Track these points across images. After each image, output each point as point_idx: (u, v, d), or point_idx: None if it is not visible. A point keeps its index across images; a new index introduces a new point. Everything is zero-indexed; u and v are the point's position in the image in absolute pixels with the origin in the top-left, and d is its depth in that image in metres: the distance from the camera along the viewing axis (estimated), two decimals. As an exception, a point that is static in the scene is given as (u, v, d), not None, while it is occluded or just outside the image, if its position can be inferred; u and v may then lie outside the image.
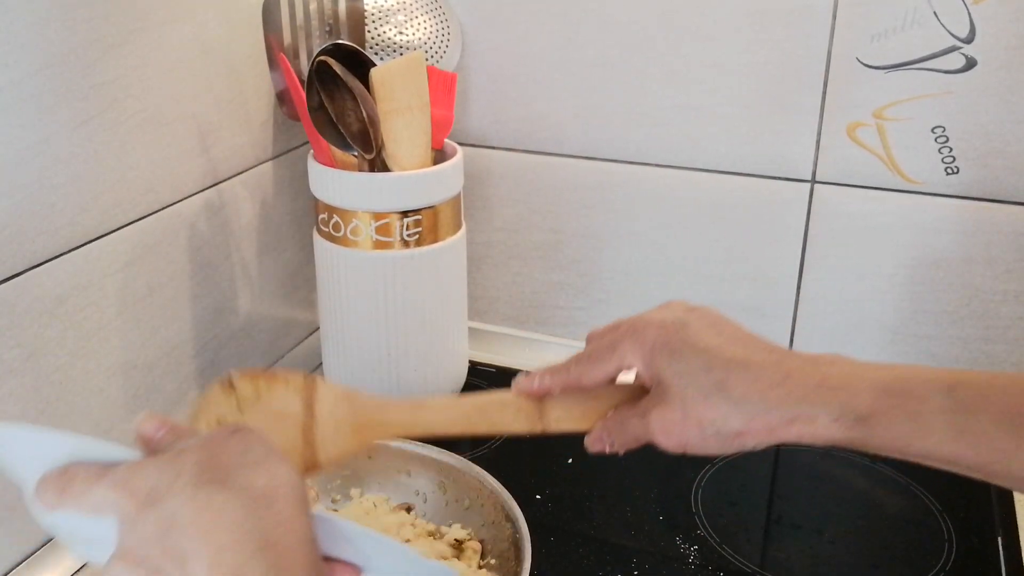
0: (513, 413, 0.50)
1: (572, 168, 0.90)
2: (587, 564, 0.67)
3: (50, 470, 0.41)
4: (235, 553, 0.37)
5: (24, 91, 0.59)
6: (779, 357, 0.46)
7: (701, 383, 0.45)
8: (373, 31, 0.84)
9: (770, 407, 0.44)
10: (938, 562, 0.67)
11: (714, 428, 0.45)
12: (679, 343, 0.46)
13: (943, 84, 0.75)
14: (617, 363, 0.48)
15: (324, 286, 0.80)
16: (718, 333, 0.47)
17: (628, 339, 0.48)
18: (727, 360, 0.45)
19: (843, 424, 0.43)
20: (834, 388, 0.43)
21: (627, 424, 0.48)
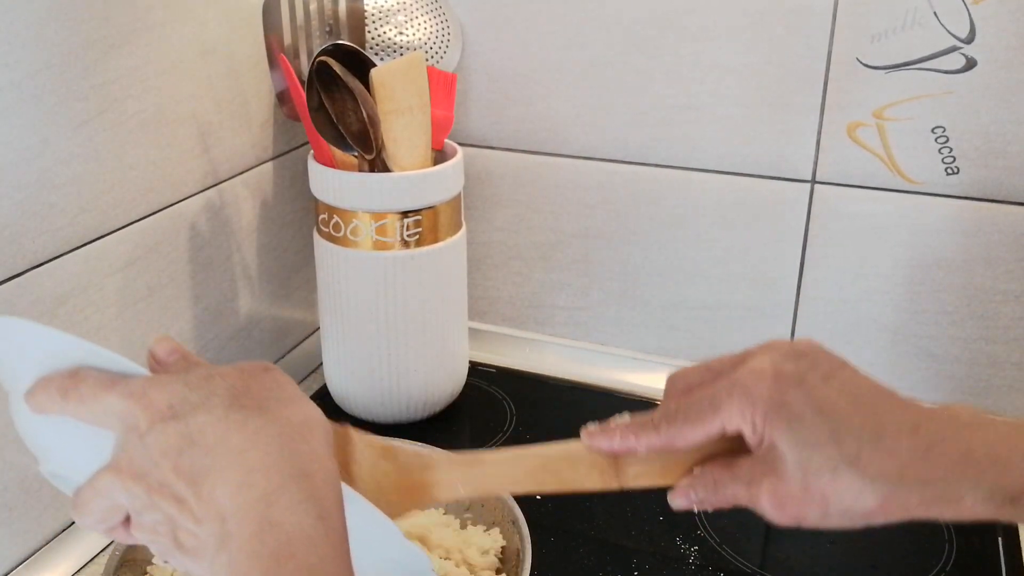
0: (586, 470, 0.42)
1: (572, 168, 0.90)
2: (587, 564, 0.67)
3: (57, 370, 0.39)
4: (268, 476, 0.35)
5: (24, 91, 0.59)
6: (914, 418, 0.39)
7: (829, 455, 0.38)
8: (373, 31, 0.84)
9: (910, 486, 0.37)
10: (938, 563, 0.67)
11: (841, 506, 0.38)
12: (800, 405, 0.39)
13: (943, 84, 0.75)
14: (720, 425, 0.40)
15: (324, 286, 0.80)
16: (840, 388, 0.40)
17: (735, 398, 0.40)
18: (859, 428, 0.38)
19: (993, 504, 0.37)
20: (982, 463, 0.37)
21: (724, 488, 0.41)
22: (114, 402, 0.37)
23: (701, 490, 0.42)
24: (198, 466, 0.36)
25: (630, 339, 0.94)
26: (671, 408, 0.42)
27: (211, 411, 0.37)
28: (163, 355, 0.42)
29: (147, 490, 0.36)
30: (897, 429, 0.38)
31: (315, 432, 0.38)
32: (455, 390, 0.85)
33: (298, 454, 0.37)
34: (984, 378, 0.82)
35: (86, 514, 0.38)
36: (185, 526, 0.36)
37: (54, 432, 0.40)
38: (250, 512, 0.35)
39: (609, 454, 0.43)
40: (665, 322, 0.92)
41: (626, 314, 0.93)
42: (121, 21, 0.66)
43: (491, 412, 0.85)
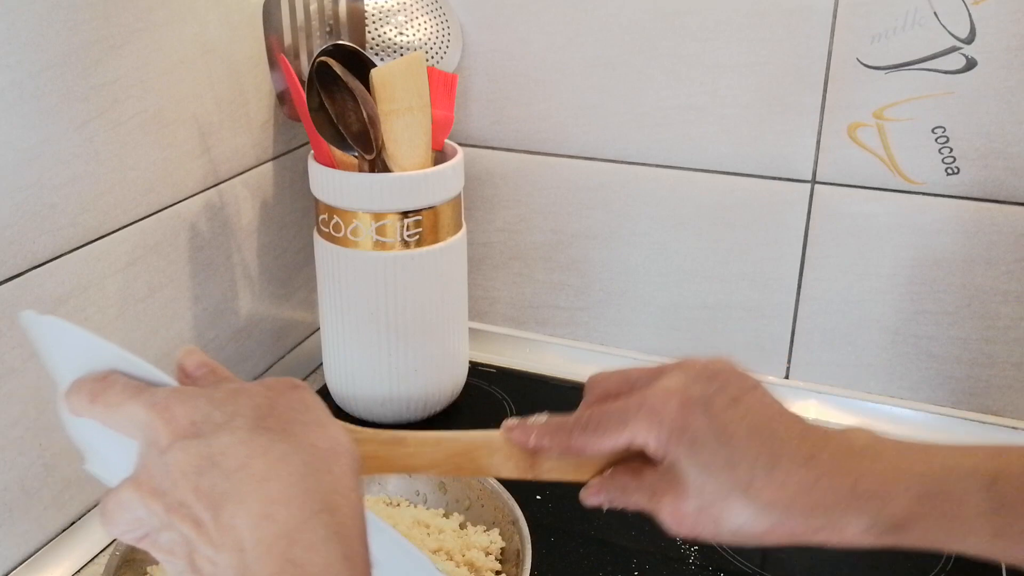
0: (502, 459, 0.45)
1: (573, 169, 0.90)
2: (587, 564, 0.67)
3: (88, 374, 0.38)
4: (291, 510, 0.34)
5: (25, 92, 0.59)
6: (809, 450, 0.40)
7: (723, 481, 0.40)
8: (373, 32, 0.85)
9: (796, 515, 0.39)
10: (938, 563, 0.67)
11: (732, 528, 0.40)
12: (701, 431, 0.41)
13: (943, 84, 0.75)
14: (627, 440, 0.42)
15: (324, 287, 0.80)
16: (743, 415, 0.41)
17: (642, 416, 0.42)
18: (754, 457, 0.40)
19: (874, 533, 0.39)
20: (867, 495, 0.39)
21: (630, 494, 0.43)
22: (137, 412, 0.37)
23: (611, 492, 0.44)
24: (219, 490, 0.34)
25: (630, 339, 0.94)
26: (584, 416, 0.44)
27: (234, 432, 0.35)
28: (191, 368, 0.42)
29: (166, 509, 0.35)
30: (790, 460, 0.40)
31: (341, 460, 0.37)
32: (455, 390, 0.85)
33: (323, 486, 0.35)
34: (984, 378, 0.82)
35: (111, 525, 0.37)
36: (202, 551, 0.35)
37: (92, 433, 0.39)
38: (272, 548, 0.34)
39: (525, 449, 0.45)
40: (665, 322, 0.92)
41: (626, 314, 0.93)
42: (121, 21, 0.66)
43: (491, 412, 0.85)
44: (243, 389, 0.38)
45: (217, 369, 0.42)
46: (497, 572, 0.61)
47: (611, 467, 0.44)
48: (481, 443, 0.45)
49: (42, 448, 0.64)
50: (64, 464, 0.66)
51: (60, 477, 0.66)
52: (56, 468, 0.65)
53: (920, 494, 0.39)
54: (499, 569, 0.61)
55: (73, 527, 0.67)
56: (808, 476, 0.39)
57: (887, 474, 0.40)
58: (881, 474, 0.40)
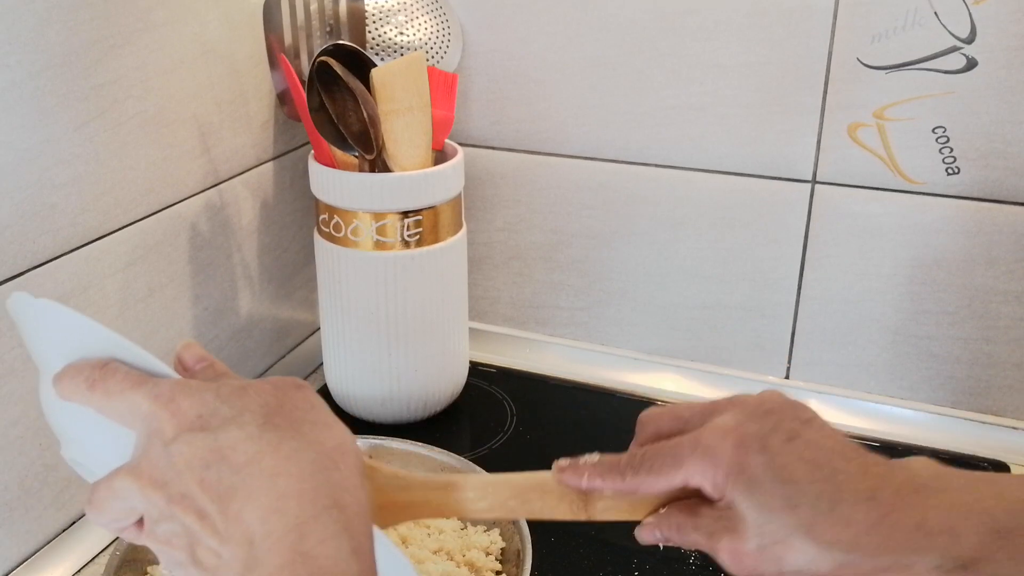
0: (555, 501, 0.44)
1: (573, 168, 0.90)
2: (587, 564, 0.67)
3: (87, 359, 0.38)
4: (301, 505, 0.34)
5: (25, 92, 0.59)
6: (872, 485, 0.39)
7: (784, 522, 0.38)
8: (374, 31, 0.85)
9: (863, 555, 0.38)
10: (939, 563, 0.67)
11: (795, 568, 0.39)
12: (759, 471, 0.39)
13: (944, 84, 0.75)
14: (682, 480, 0.41)
15: (325, 286, 0.80)
16: (801, 453, 0.40)
17: (697, 457, 0.41)
18: (815, 497, 0.39)
19: (943, 571, 0.37)
20: (935, 532, 0.37)
21: (686, 533, 0.42)
22: (140, 402, 0.37)
23: (666, 531, 0.43)
24: (226, 483, 0.34)
25: (630, 339, 0.94)
26: (637, 456, 0.43)
27: (244, 427, 0.35)
28: (190, 362, 0.42)
29: (167, 500, 0.35)
30: (853, 498, 0.39)
31: (348, 459, 0.37)
32: (455, 390, 0.85)
33: (332, 482, 0.36)
34: (984, 378, 0.82)
35: (100, 512, 0.37)
36: (206, 542, 0.35)
37: (78, 420, 0.39)
38: (281, 541, 0.34)
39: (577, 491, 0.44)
40: (665, 322, 0.92)
41: (626, 314, 0.93)
42: (122, 21, 0.66)
43: (491, 412, 0.85)
44: (250, 386, 0.38)
45: (215, 364, 0.42)
46: (497, 572, 0.61)
47: (665, 506, 0.43)
48: (533, 486, 0.44)
49: (42, 448, 0.64)
50: (64, 464, 0.65)
51: (60, 477, 0.66)
52: (56, 468, 0.65)
53: (992, 530, 0.37)
54: (499, 569, 0.61)
55: (73, 527, 0.67)
56: (872, 514, 0.38)
57: (955, 509, 0.38)
58: (949, 510, 0.38)
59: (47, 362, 0.39)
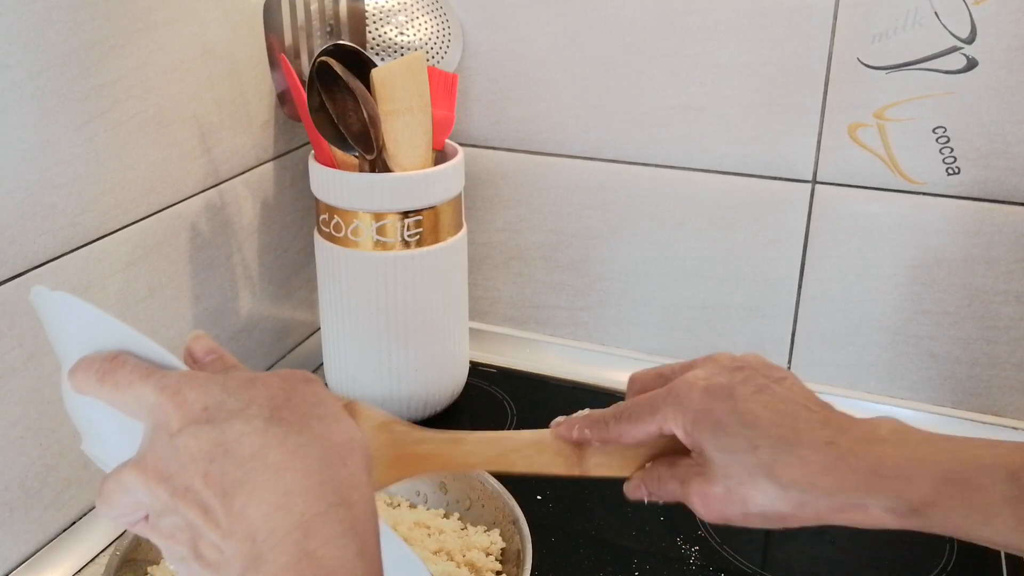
0: (551, 456, 0.48)
1: (573, 169, 0.90)
2: (588, 565, 0.67)
3: (98, 352, 0.38)
4: (308, 501, 0.34)
5: (25, 92, 0.59)
6: (831, 434, 0.42)
7: (746, 463, 0.42)
8: (374, 32, 0.85)
9: (819, 494, 0.41)
10: (939, 563, 0.67)
11: (759, 509, 0.42)
12: (724, 415, 0.43)
13: (944, 84, 0.75)
14: (657, 427, 0.45)
15: (325, 286, 0.80)
16: (766, 402, 0.43)
17: (670, 404, 0.44)
18: (775, 440, 0.42)
19: (896, 514, 0.40)
20: (888, 476, 0.40)
21: (665, 484, 0.46)
22: (147, 394, 0.36)
23: (649, 484, 0.47)
24: (231, 477, 0.34)
25: (630, 339, 0.94)
26: (620, 407, 0.46)
27: (249, 421, 0.35)
28: (200, 353, 0.41)
29: (170, 493, 0.35)
30: (812, 442, 0.41)
31: (355, 455, 0.37)
32: (456, 390, 0.85)
33: (339, 479, 0.35)
34: (985, 378, 0.82)
35: (108, 506, 0.37)
36: (208, 537, 0.34)
37: (94, 413, 0.39)
38: (286, 538, 0.33)
39: (571, 442, 0.47)
40: (666, 322, 0.92)
41: (626, 314, 0.93)
42: (122, 22, 0.66)
43: (492, 412, 0.85)
44: (257, 378, 0.38)
45: (225, 356, 0.41)
46: (497, 572, 0.61)
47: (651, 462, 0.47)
48: (532, 441, 0.48)
49: (42, 448, 0.64)
50: (64, 464, 0.66)
51: (60, 477, 0.66)
52: (56, 468, 0.65)
53: (943, 479, 0.40)
54: (499, 569, 0.61)
55: (73, 527, 0.67)
56: (829, 456, 0.41)
57: (910, 459, 0.41)
58: (904, 458, 0.41)
59: (65, 355, 0.39)
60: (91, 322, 0.39)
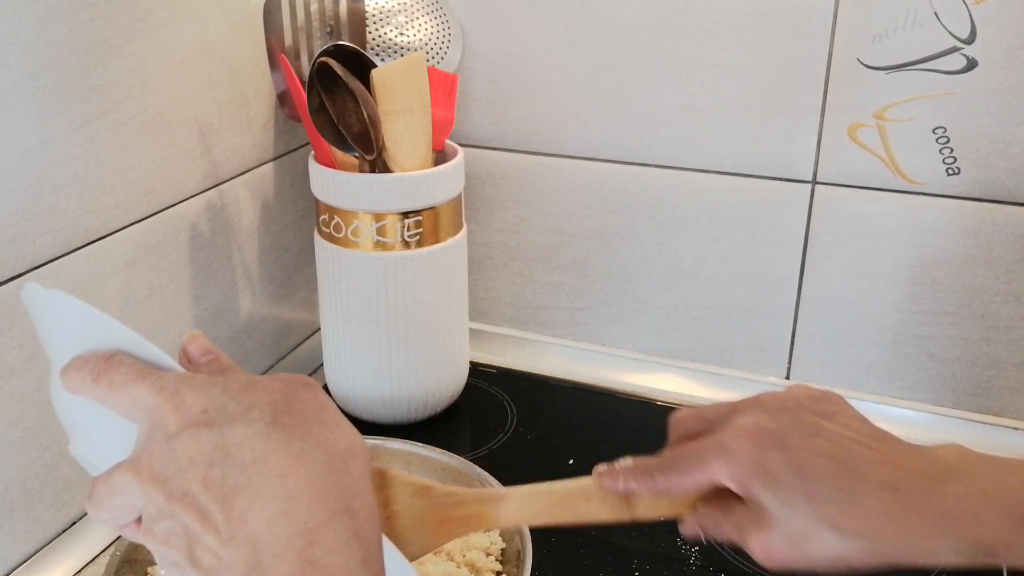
0: (598, 504, 0.46)
1: (573, 169, 0.90)
2: (588, 565, 0.67)
3: (94, 351, 0.37)
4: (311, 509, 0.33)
5: (25, 92, 0.59)
6: (893, 474, 0.40)
7: (806, 516, 0.40)
8: (374, 32, 0.85)
9: (887, 545, 0.39)
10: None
11: (823, 559, 0.40)
12: (778, 468, 0.40)
13: (944, 85, 0.75)
14: (708, 480, 0.43)
15: (325, 287, 0.80)
16: (823, 449, 0.41)
17: (719, 458, 0.42)
18: (835, 490, 0.40)
19: (967, 556, 0.38)
20: (957, 518, 0.38)
21: (720, 528, 0.44)
22: (144, 394, 0.35)
23: (705, 527, 0.45)
24: (231, 482, 0.33)
25: (631, 340, 0.94)
26: (667, 458, 0.45)
27: (251, 424, 0.34)
28: (196, 354, 0.41)
29: (167, 497, 0.34)
30: (874, 488, 0.40)
31: (358, 463, 0.36)
32: (456, 391, 0.85)
33: (342, 486, 0.34)
34: (985, 379, 0.82)
35: (99, 509, 0.36)
36: (206, 542, 0.34)
37: (85, 413, 0.38)
38: (289, 546, 0.33)
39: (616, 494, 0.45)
40: (666, 323, 0.92)
41: (627, 315, 0.93)
42: (122, 22, 0.66)
43: (492, 413, 0.85)
44: (258, 382, 0.37)
45: (221, 357, 0.41)
46: (498, 573, 0.61)
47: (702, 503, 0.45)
48: (577, 492, 0.46)
49: (43, 448, 0.64)
50: (64, 464, 0.66)
51: (60, 477, 0.66)
52: (56, 468, 0.65)
53: (1017, 516, 0.38)
54: (500, 570, 0.61)
55: (73, 527, 0.67)
56: (893, 503, 0.39)
57: (979, 495, 0.39)
58: (972, 496, 0.39)
59: (56, 354, 0.39)
60: (85, 320, 0.38)
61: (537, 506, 0.47)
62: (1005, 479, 0.39)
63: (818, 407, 0.43)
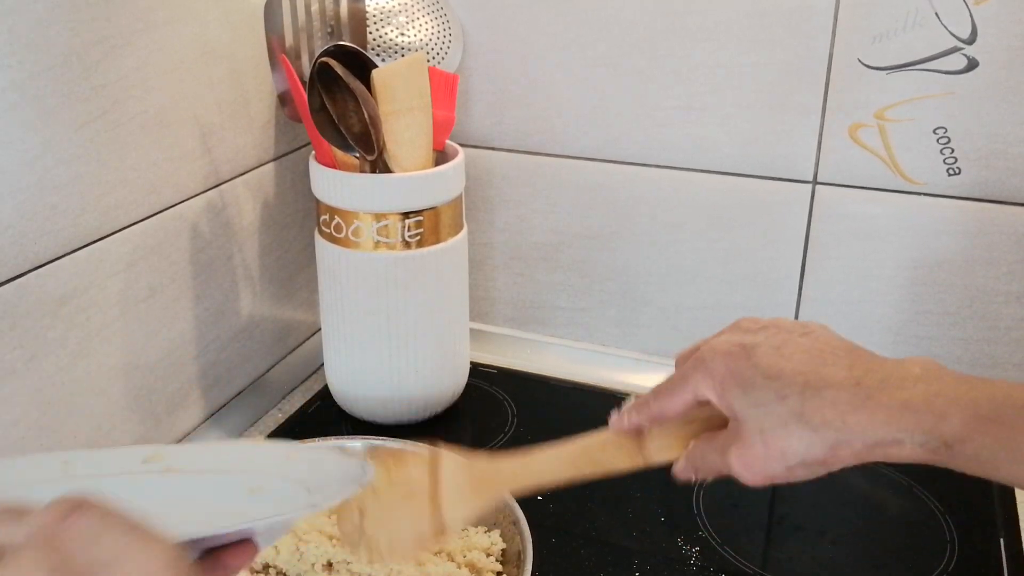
0: (614, 451, 0.50)
1: (573, 169, 0.90)
2: (588, 565, 0.67)
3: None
4: None
5: (26, 93, 0.59)
6: (859, 374, 0.43)
7: (778, 413, 0.42)
8: (375, 32, 0.85)
9: (853, 433, 0.41)
10: (940, 563, 0.67)
11: (798, 458, 0.42)
12: (749, 372, 0.44)
13: (945, 85, 0.75)
14: (692, 395, 0.46)
15: (325, 287, 0.80)
16: (789, 354, 0.44)
17: (698, 371, 0.46)
18: (802, 385, 0.42)
19: (929, 449, 0.40)
20: (919, 411, 0.40)
21: (707, 456, 0.46)
22: None
23: (695, 461, 0.47)
24: None
25: (631, 340, 0.94)
26: (659, 385, 0.49)
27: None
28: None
29: None
30: (839, 381, 0.42)
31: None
32: (456, 391, 0.85)
33: None
34: (986, 379, 0.82)
35: None
36: None
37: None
38: None
39: (629, 432, 0.49)
40: (666, 323, 0.92)
41: (627, 315, 0.93)
42: (122, 22, 0.66)
43: (492, 413, 0.85)
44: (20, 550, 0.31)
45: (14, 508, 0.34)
46: (498, 573, 0.61)
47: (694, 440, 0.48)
48: (594, 443, 0.50)
49: (43, 448, 0.64)
50: (65, 465, 0.66)
51: (61, 478, 0.66)
52: (57, 469, 0.65)
53: (975, 415, 0.40)
54: (500, 570, 0.61)
55: (74, 528, 0.67)
56: (858, 395, 0.42)
57: (942, 395, 0.41)
58: (936, 395, 0.41)
59: None
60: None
61: (561, 459, 0.50)
62: (967, 384, 0.42)
63: (793, 327, 0.46)
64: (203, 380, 0.80)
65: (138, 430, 0.73)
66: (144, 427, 0.74)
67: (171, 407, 0.77)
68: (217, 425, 0.82)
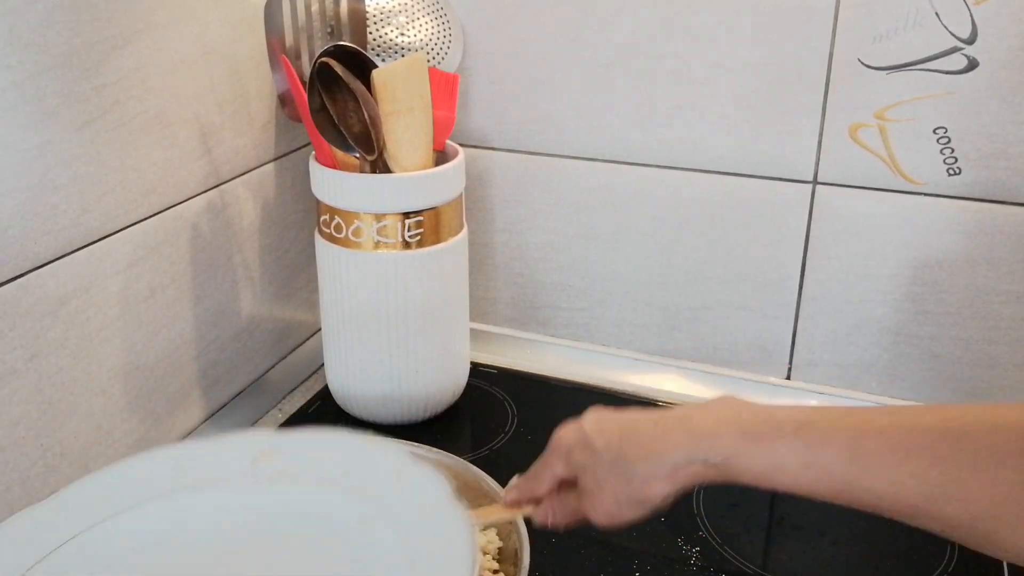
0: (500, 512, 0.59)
1: (573, 169, 0.90)
2: (588, 566, 0.67)
3: None
4: None
5: (27, 93, 0.59)
6: (659, 417, 0.51)
7: (605, 462, 0.51)
8: (375, 32, 0.85)
9: (657, 463, 0.49)
10: (940, 563, 0.67)
11: (625, 494, 0.50)
12: (582, 443, 0.53)
13: (945, 85, 0.75)
14: (551, 475, 0.55)
15: (326, 287, 0.80)
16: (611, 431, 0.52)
17: (552, 455, 0.55)
18: (619, 436, 0.51)
19: (710, 465, 0.48)
20: (700, 436, 0.48)
21: (567, 504, 0.55)
22: None
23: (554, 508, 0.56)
24: None
25: (631, 340, 0.94)
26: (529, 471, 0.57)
27: None
28: None
29: None
30: (645, 427, 0.51)
31: None
32: (456, 391, 0.85)
33: None
34: (986, 379, 0.82)
35: None
36: None
37: None
38: None
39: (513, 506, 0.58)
40: (666, 323, 0.92)
41: (627, 315, 0.93)
42: (123, 22, 0.66)
43: (492, 413, 0.85)
44: None
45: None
46: (495, 572, 0.61)
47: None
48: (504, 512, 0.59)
49: (44, 448, 0.64)
50: (66, 465, 0.66)
51: (62, 477, 0.66)
52: (58, 469, 0.65)
53: (740, 433, 0.47)
54: (497, 569, 0.61)
55: (74, 527, 0.67)
56: (657, 431, 0.50)
57: (718, 420, 0.49)
58: (713, 422, 0.49)
59: None
60: None
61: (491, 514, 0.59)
62: (736, 408, 0.49)
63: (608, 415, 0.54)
64: (203, 380, 0.80)
65: (138, 430, 0.73)
66: (144, 427, 0.74)
67: (171, 407, 0.77)
68: (217, 425, 0.82)
